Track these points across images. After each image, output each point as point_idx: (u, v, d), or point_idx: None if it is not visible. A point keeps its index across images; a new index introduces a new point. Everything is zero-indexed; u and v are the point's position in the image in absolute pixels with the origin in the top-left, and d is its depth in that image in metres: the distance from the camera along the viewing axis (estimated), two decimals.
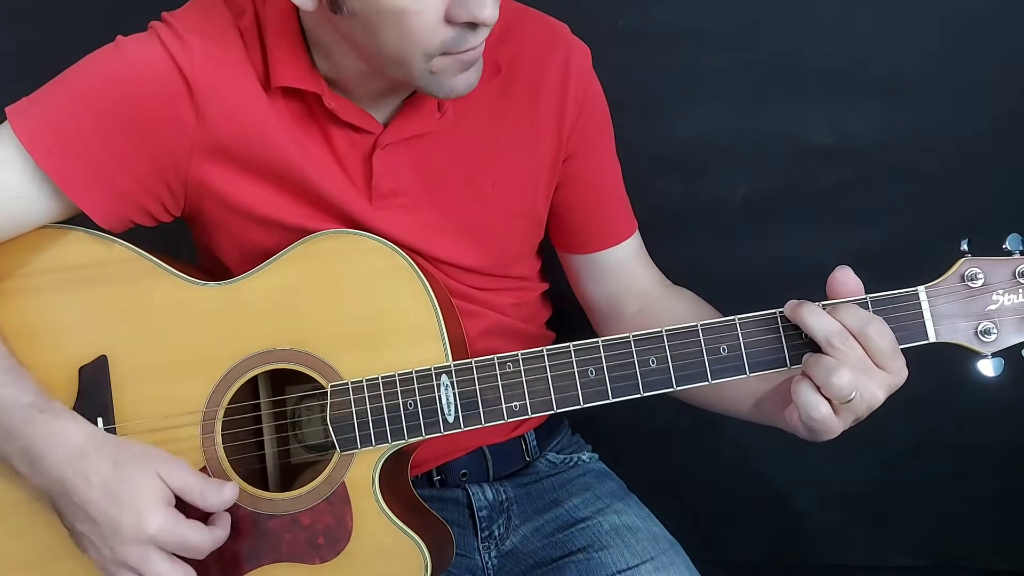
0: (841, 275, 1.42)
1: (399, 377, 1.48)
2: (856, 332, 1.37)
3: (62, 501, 1.43)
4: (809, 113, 2.02)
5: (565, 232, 1.79)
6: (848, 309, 1.39)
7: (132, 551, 1.40)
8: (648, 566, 1.64)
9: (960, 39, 1.97)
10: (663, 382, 1.44)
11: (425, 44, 1.38)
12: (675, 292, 1.81)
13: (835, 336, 1.36)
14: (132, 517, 1.39)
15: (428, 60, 1.40)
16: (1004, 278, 1.39)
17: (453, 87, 1.45)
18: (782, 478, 2.23)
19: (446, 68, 1.42)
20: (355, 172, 1.59)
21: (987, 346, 1.39)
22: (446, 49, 1.39)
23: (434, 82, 1.44)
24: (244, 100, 1.52)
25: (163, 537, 1.40)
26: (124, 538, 1.39)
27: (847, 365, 1.35)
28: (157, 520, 1.40)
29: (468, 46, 1.39)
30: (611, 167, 1.79)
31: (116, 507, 1.39)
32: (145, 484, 1.41)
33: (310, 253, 1.53)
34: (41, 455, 1.42)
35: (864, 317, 1.37)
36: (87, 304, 1.54)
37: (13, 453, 1.44)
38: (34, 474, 1.44)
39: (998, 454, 2.16)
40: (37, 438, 1.43)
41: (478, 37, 1.40)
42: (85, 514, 1.41)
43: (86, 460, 1.42)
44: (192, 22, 1.52)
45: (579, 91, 1.66)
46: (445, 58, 1.40)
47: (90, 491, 1.40)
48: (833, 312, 1.38)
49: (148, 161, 1.51)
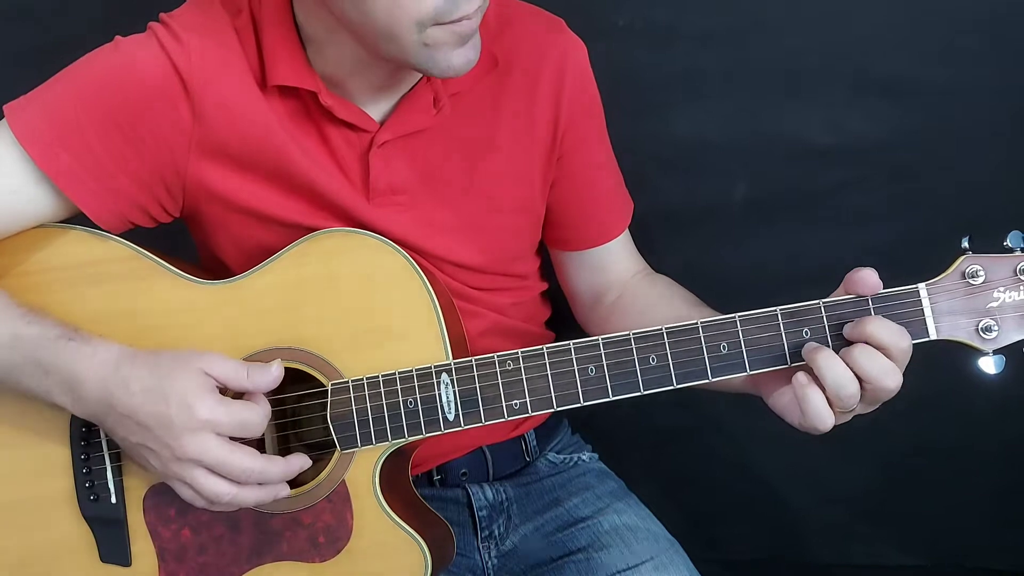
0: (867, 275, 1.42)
1: (399, 375, 1.48)
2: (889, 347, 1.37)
3: (111, 419, 1.43)
4: (809, 113, 2.02)
5: (557, 228, 1.78)
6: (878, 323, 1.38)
7: (189, 441, 1.39)
8: (648, 566, 1.65)
9: (960, 39, 1.96)
10: (663, 380, 1.44)
11: (416, 10, 1.37)
12: (652, 280, 1.81)
13: (844, 387, 1.37)
14: (181, 409, 1.39)
15: (421, 31, 1.39)
16: (1005, 275, 1.39)
17: (450, 63, 1.43)
18: (782, 478, 2.23)
19: (441, 40, 1.41)
20: (352, 170, 1.59)
21: (988, 343, 1.39)
22: (438, 17, 1.38)
23: (430, 58, 1.43)
24: (241, 99, 1.52)
25: (217, 419, 1.40)
26: (178, 431, 1.39)
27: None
28: (206, 405, 1.40)
29: (461, 13, 1.38)
30: (605, 164, 1.79)
31: (163, 403, 1.39)
32: (187, 378, 1.41)
33: (311, 252, 1.53)
34: (80, 380, 1.43)
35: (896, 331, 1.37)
36: (87, 303, 1.54)
37: (53, 387, 1.44)
38: (78, 402, 1.44)
39: (998, 454, 2.16)
40: (73, 364, 1.43)
41: (471, 3, 1.39)
42: (134, 422, 1.41)
43: (121, 370, 1.42)
44: (189, 21, 1.52)
45: (575, 87, 1.66)
46: (439, 29, 1.39)
47: (132, 397, 1.41)
48: (859, 329, 1.38)
49: (146, 161, 1.52)
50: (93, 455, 1.53)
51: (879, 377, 1.36)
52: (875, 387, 1.36)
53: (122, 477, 1.53)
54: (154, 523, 1.53)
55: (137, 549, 1.54)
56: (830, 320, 1.42)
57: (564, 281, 1.86)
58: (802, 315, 1.43)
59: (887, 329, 1.37)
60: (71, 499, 1.54)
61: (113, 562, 1.54)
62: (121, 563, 1.54)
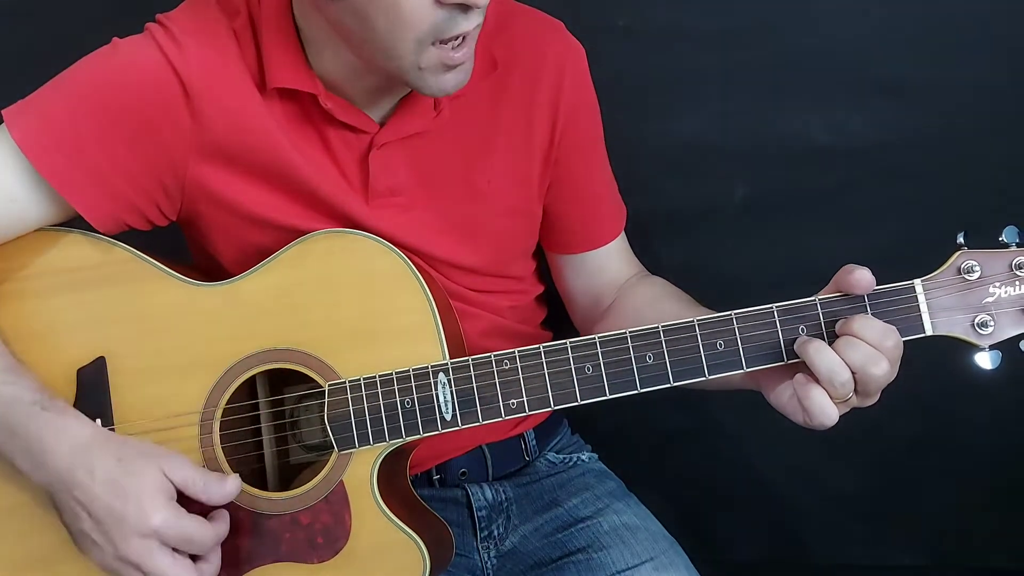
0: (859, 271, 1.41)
1: (396, 376, 1.48)
2: (877, 345, 1.37)
3: (63, 498, 1.43)
4: (809, 113, 2.02)
5: (553, 232, 1.79)
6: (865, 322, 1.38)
7: (135, 545, 1.39)
8: (648, 566, 1.64)
9: (960, 39, 1.96)
10: (660, 378, 1.44)
11: (416, 27, 1.37)
12: (647, 280, 1.81)
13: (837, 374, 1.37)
14: (136, 510, 1.39)
15: (419, 50, 1.39)
16: (1001, 270, 1.39)
17: (440, 85, 1.44)
18: (782, 478, 2.22)
19: (435, 65, 1.41)
20: (351, 172, 1.59)
21: (984, 339, 1.39)
22: (437, 34, 1.38)
23: (421, 78, 1.43)
24: (239, 102, 1.52)
25: (166, 531, 1.40)
26: (127, 532, 1.39)
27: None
28: (160, 513, 1.40)
29: (460, 30, 1.39)
30: (601, 167, 1.79)
31: (120, 500, 1.39)
32: (148, 478, 1.41)
33: (307, 252, 1.53)
34: (44, 451, 1.42)
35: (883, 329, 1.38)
36: (85, 306, 1.54)
37: (16, 451, 1.44)
38: (36, 471, 1.43)
39: (998, 453, 2.15)
40: (41, 435, 1.43)
41: (470, 21, 1.39)
42: (88, 511, 1.41)
43: (90, 455, 1.42)
44: (187, 24, 1.52)
45: (573, 90, 1.67)
46: (436, 52, 1.40)
47: (94, 485, 1.40)
48: (848, 326, 1.38)
49: (144, 163, 1.52)
50: None
51: (864, 365, 1.36)
52: (863, 375, 1.36)
53: None
54: None
55: None
56: (826, 317, 1.42)
57: (561, 285, 1.86)
58: (798, 312, 1.43)
59: (872, 328, 1.37)
60: None
61: None
62: None
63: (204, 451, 1.52)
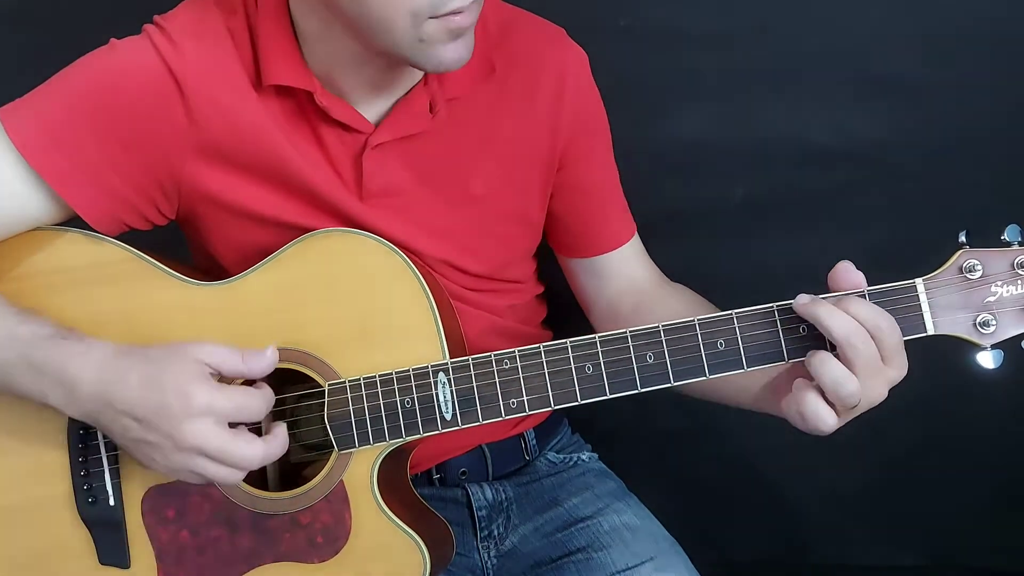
0: (844, 268, 1.42)
1: (396, 375, 1.48)
2: (870, 327, 1.36)
3: (107, 416, 1.42)
4: (809, 113, 2.02)
5: (563, 236, 1.79)
6: (859, 302, 1.38)
7: (189, 430, 1.38)
8: (648, 566, 1.64)
9: (960, 39, 1.96)
10: (661, 377, 1.44)
11: (411, 3, 1.37)
12: (671, 288, 1.80)
13: (854, 335, 1.35)
14: (178, 397, 1.38)
15: (416, 24, 1.39)
16: (1003, 269, 1.39)
17: (441, 59, 1.43)
18: (782, 478, 2.23)
19: (435, 35, 1.40)
20: (346, 172, 1.58)
21: (986, 338, 1.39)
22: (433, 9, 1.37)
23: (422, 52, 1.42)
24: (235, 100, 1.52)
25: (215, 405, 1.39)
26: (177, 419, 1.38)
27: (860, 367, 1.35)
28: (203, 391, 1.39)
29: (456, 5, 1.38)
30: (608, 172, 1.79)
31: (159, 393, 1.39)
32: (183, 366, 1.41)
33: (307, 252, 1.53)
34: (75, 379, 1.42)
35: (875, 311, 1.37)
36: (83, 305, 1.54)
37: (47, 387, 1.43)
38: (72, 401, 1.43)
39: (998, 454, 2.15)
40: (67, 362, 1.42)
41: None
42: (133, 417, 1.40)
43: (119, 364, 1.42)
44: (183, 23, 1.53)
45: (576, 97, 1.67)
46: (434, 23, 1.39)
47: (129, 390, 1.40)
48: (842, 304, 1.38)
49: (141, 163, 1.52)
50: (91, 457, 1.53)
51: (849, 335, 1.35)
52: (849, 350, 1.35)
53: (120, 479, 1.53)
54: (152, 525, 1.53)
55: (136, 551, 1.54)
56: None
57: (577, 291, 1.86)
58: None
59: (862, 307, 1.37)
60: (69, 501, 1.53)
61: (112, 564, 1.54)
62: (120, 565, 1.54)
63: None
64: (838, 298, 1.39)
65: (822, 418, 1.38)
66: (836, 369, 1.36)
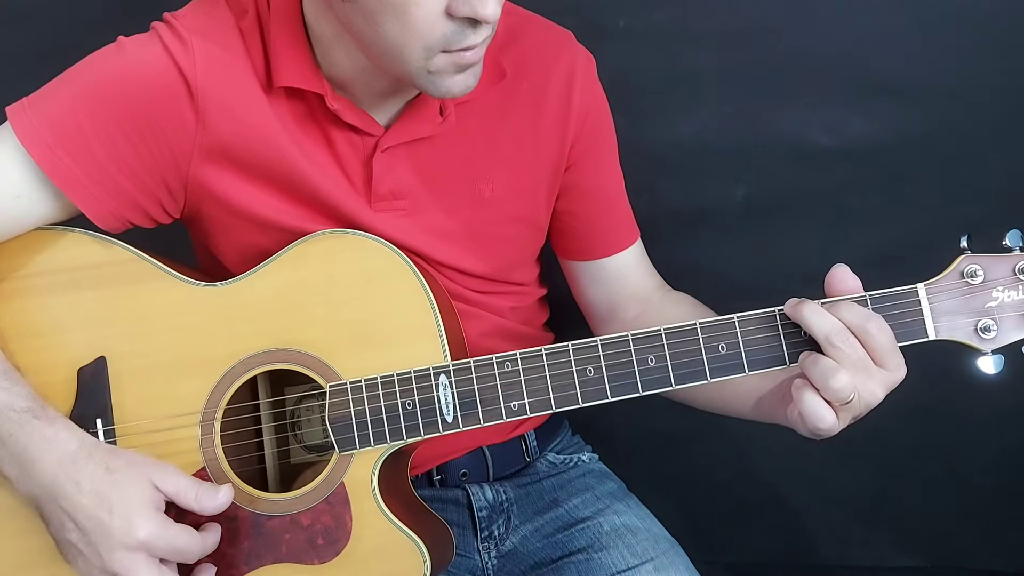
0: (839, 273, 1.42)
1: (398, 377, 1.48)
2: (856, 329, 1.37)
3: (50, 508, 1.42)
4: (809, 113, 2.01)
5: (566, 239, 1.79)
6: (847, 306, 1.39)
7: (121, 558, 1.38)
8: (648, 567, 1.64)
9: (960, 39, 1.96)
10: (662, 381, 1.44)
11: (425, 36, 1.37)
12: (674, 297, 1.81)
13: (835, 335, 1.36)
14: (122, 522, 1.38)
15: (427, 57, 1.39)
16: (1004, 275, 1.39)
17: (449, 88, 1.44)
18: (782, 478, 2.23)
19: (445, 68, 1.41)
20: (355, 174, 1.58)
21: (987, 343, 1.39)
22: (446, 44, 1.38)
23: (431, 82, 1.43)
24: (245, 101, 1.52)
25: (153, 542, 1.39)
26: (113, 544, 1.38)
27: (846, 365, 1.36)
28: (147, 525, 1.39)
29: (468, 43, 1.38)
30: (614, 176, 1.79)
31: (106, 512, 1.39)
32: (137, 489, 1.41)
33: (308, 253, 1.53)
34: (33, 461, 1.41)
35: (863, 314, 1.37)
36: (85, 305, 1.54)
37: (4, 459, 1.43)
38: (23, 480, 1.43)
39: (997, 454, 2.16)
40: (29, 444, 1.42)
41: (479, 35, 1.39)
42: (74, 522, 1.40)
43: (78, 465, 1.41)
44: (193, 22, 1.52)
45: (584, 100, 1.67)
46: (444, 56, 1.40)
47: (80, 496, 1.39)
48: (832, 309, 1.38)
49: (148, 162, 1.51)
50: None
51: (830, 334, 1.36)
52: (833, 350, 1.36)
53: None
54: None
55: None
56: None
57: (578, 295, 1.86)
58: None
59: (850, 310, 1.38)
60: None
61: None
62: None
63: (205, 451, 1.52)
64: (832, 303, 1.40)
65: (820, 415, 1.38)
66: (823, 362, 1.36)
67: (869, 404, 1.39)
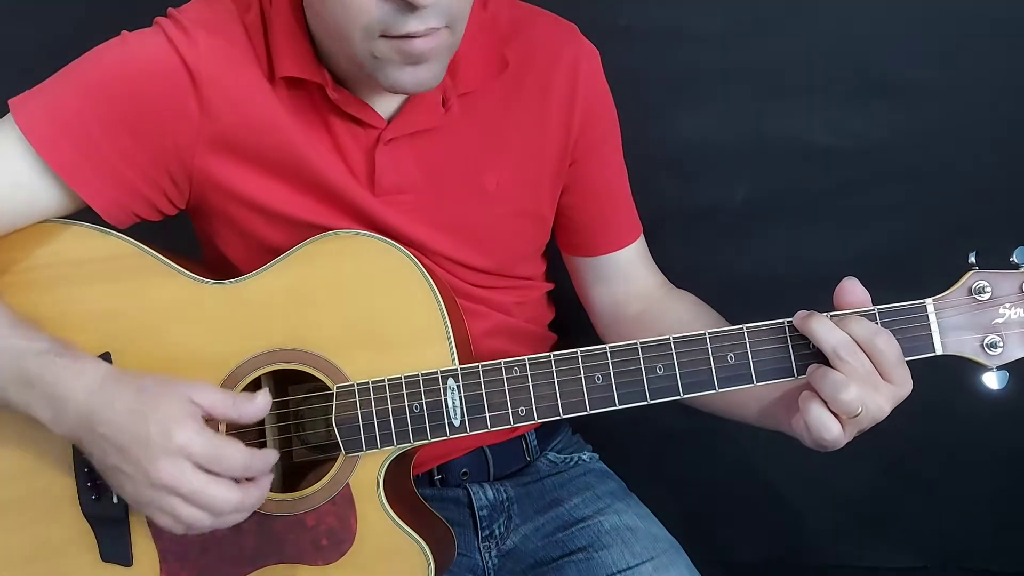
0: (849, 285, 1.43)
1: (405, 380, 1.48)
2: (864, 343, 1.38)
3: (89, 438, 1.41)
4: (809, 113, 2.02)
5: (569, 234, 1.80)
6: (856, 320, 1.39)
7: (164, 466, 1.35)
8: (648, 566, 1.65)
9: (960, 39, 1.97)
10: (670, 390, 1.45)
11: (360, 17, 1.38)
12: (677, 295, 1.81)
13: (843, 348, 1.37)
14: (159, 430, 1.36)
15: (368, 40, 1.40)
16: (1012, 291, 1.40)
17: (397, 79, 1.44)
18: (782, 478, 2.24)
19: (387, 55, 1.41)
20: (357, 167, 1.59)
21: (993, 359, 1.40)
22: (384, 28, 1.38)
23: (378, 69, 1.43)
24: (249, 92, 1.53)
25: (193, 447, 1.36)
26: (154, 454, 1.36)
27: (854, 379, 1.37)
28: (186, 430, 1.36)
29: (408, 29, 1.38)
30: (618, 171, 1.79)
31: (143, 425, 1.36)
32: (172, 401, 1.38)
33: (317, 253, 1.52)
34: (63, 397, 1.40)
35: (872, 328, 1.38)
36: (90, 301, 1.54)
37: (33, 401, 1.42)
38: (57, 418, 1.41)
39: (997, 455, 2.17)
40: (58, 380, 1.41)
41: (422, 22, 1.38)
42: (112, 443, 1.38)
43: (108, 390, 1.40)
44: (197, 16, 1.53)
45: (588, 94, 1.67)
46: (385, 42, 1.40)
47: (114, 416, 1.38)
48: (841, 323, 1.39)
49: (152, 153, 1.52)
50: None
51: (837, 348, 1.37)
52: (840, 363, 1.37)
53: None
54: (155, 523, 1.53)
55: (139, 549, 1.53)
56: None
57: (581, 292, 1.86)
58: None
59: (859, 324, 1.39)
60: (72, 497, 1.53)
61: (114, 561, 1.53)
62: (122, 563, 1.54)
63: None
64: (841, 317, 1.41)
65: (826, 426, 1.39)
66: (832, 375, 1.37)
67: (876, 418, 1.40)
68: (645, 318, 1.78)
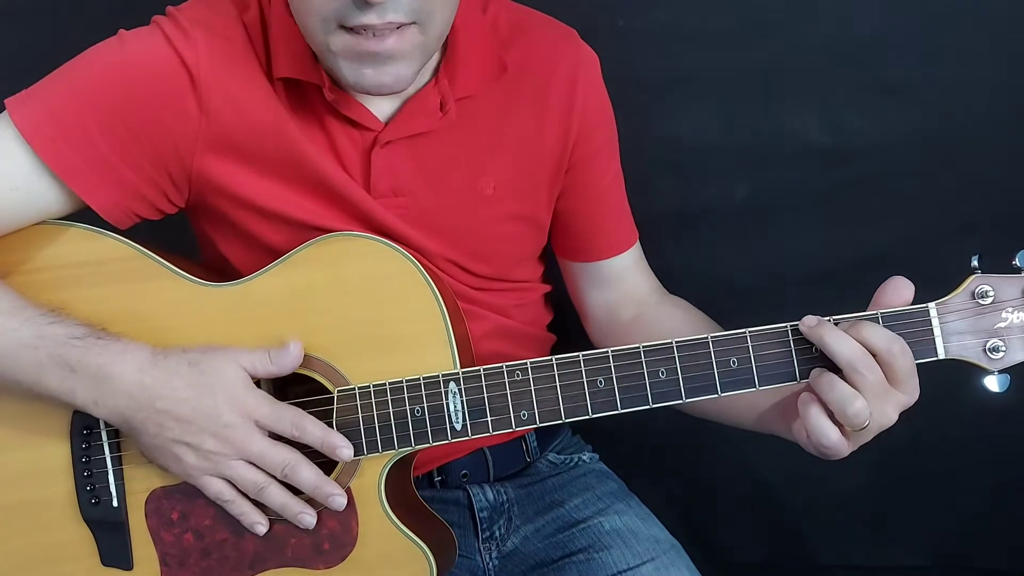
0: (896, 283, 1.43)
1: (407, 383, 1.48)
2: (881, 351, 1.37)
3: (142, 415, 1.43)
4: (809, 113, 2.02)
5: (566, 239, 1.79)
6: (870, 327, 1.39)
7: (237, 432, 1.43)
8: (649, 567, 1.65)
9: (960, 39, 1.96)
10: (672, 394, 1.45)
11: (318, 8, 1.39)
12: (671, 301, 1.81)
13: (859, 361, 1.37)
14: (227, 398, 1.43)
15: (327, 31, 1.41)
16: (1014, 295, 1.40)
17: (357, 79, 1.44)
18: (782, 479, 2.24)
19: (344, 50, 1.42)
20: (354, 169, 1.58)
21: (995, 363, 1.40)
22: (340, 19, 1.39)
23: (337, 64, 1.44)
24: (248, 92, 1.52)
25: (260, 410, 1.44)
26: (226, 421, 1.43)
27: (864, 391, 1.37)
28: (252, 396, 1.44)
29: (364, 21, 1.38)
30: (615, 177, 1.79)
31: (208, 396, 1.43)
32: (228, 371, 1.45)
33: (317, 255, 1.52)
34: (111, 376, 1.43)
35: (888, 336, 1.38)
36: (89, 303, 1.53)
37: (78, 386, 1.44)
38: (105, 399, 1.44)
39: (998, 454, 2.17)
40: (103, 362, 1.44)
41: (379, 15, 1.37)
42: (174, 418, 1.43)
43: (160, 365, 1.44)
44: (196, 15, 1.53)
45: (587, 100, 1.67)
46: (343, 35, 1.40)
47: (176, 392, 1.43)
48: (852, 330, 1.39)
49: (151, 153, 1.51)
50: (94, 457, 1.52)
51: (853, 361, 1.37)
52: (854, 376, 1.37)
53: (123, 480, 1.53)
54: (156, 527, 1.53)
55: (139, 553, 1.53)
56: None
57: (576, 296, 1.86)
58: None
59: (874, 333, 1.38)
60: (72, 502, 1.53)
61: (114, 565, 1.54)
62: (122, 567, 1.54)
63: None
64: (851, 323, 1.40)
65: (825, 433, 1.39)
66: (841, 388, 1.37)
67: (882, 426, 1.41)
68: (639, 324, 1.78)
